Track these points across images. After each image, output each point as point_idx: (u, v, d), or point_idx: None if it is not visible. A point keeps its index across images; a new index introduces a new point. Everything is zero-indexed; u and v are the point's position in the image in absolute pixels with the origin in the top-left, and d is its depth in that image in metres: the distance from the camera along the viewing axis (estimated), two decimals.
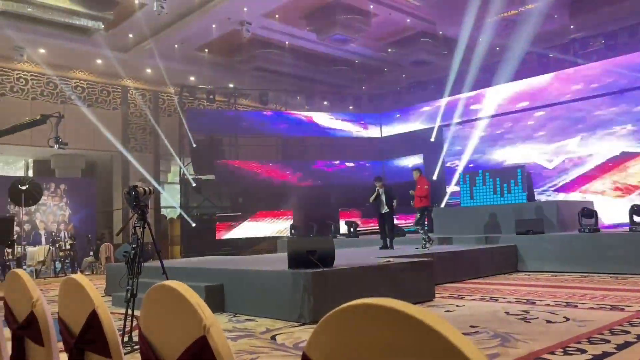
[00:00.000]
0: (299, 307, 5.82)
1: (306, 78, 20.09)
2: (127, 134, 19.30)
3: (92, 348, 1.60)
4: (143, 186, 5.56)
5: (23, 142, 15.27)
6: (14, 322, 2.16)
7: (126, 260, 5.44)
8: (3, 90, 16.67)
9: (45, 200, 16.49)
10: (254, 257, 11.26)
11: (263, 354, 4.43)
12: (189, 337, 1.16)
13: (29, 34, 14.93)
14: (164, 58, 17.19)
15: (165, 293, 1.24)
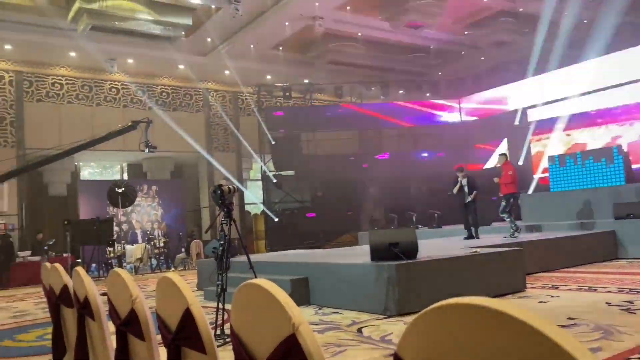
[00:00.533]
0: (384, 300, 5.78)
1: (381, 68, 19.88)
2: (210, 135, 20.08)
3: (188, 344, 1.66)
4: (228, 185, 5.75)
5: (117, 147, 16.34)
6: (117, 318, 2.30)
7: (215, 256, 5.66)
8: (98, 100, 17.91)
9: (139, 201, 17.60)
10: (336, 250, 11.34)
11: (350, 346, 4.44)
12: (278, 335, 1.17)
13: (118, 46, 15.93)
14: (240, 59, 17.70)
15: (255, 291, 1.25)
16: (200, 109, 19.99)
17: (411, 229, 7.07)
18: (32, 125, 16.47)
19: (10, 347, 5.92)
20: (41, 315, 8.11)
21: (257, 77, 19.42)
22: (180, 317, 1.68)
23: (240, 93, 20.60)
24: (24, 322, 7.60)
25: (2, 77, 16.31)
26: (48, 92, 17.06)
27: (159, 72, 18.83)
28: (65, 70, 17.31)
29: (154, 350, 2.04)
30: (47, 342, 5.86)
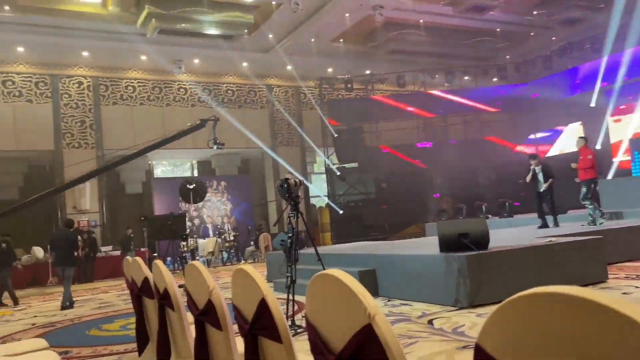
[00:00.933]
0: (455, 292, 5.67)
1: (444, 55, 19.39)
2: (274, 130, 20.42)
3: (264, 333, 1.71)
4: (294, 178, 5.83)
5: (187, 145, 16.96)
6: (195, 308, 2.40)
7: (284, 248, 5.77)
8: (168, 101, 18.66)
9: (209, 197, 18.21)
10: (403, 241, 11.23)
11: (421, 338, 4.39)
12: (353, 325, 1.18)
13: (184, 48, 16.50)
14: (301, 53, 17.84)
15: (329, 282, 1.27)
16: (264, 105, 20.36)
17: (481, 219, 6.88)
18: (109, 127, 17.42)
19: (98, 336, 6.32)
20: (123, 306, 8.60)
21: (319, 71, 19.51)
22: (256, 308, 1.73)
23: (302, 87, 20.78)
24: (109, 313, 8.09)
25: (81, 82, 17.35)
26: (122, 95, 17.97)
27: (224, 71, 19.33)
28: (137, 74, 18.16)
29: (230, 339, 2.12)
30: (130, 332, 6.21)
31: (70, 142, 16.98)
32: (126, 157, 11.88)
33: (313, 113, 20.30)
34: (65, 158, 16.36)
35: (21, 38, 14.87)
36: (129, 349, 5.20)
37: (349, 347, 1.21)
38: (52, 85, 16.85)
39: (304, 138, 20.42)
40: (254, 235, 17.28)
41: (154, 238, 12.86)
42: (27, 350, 3.46)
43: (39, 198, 10.96)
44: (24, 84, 16.50)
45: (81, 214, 16.61)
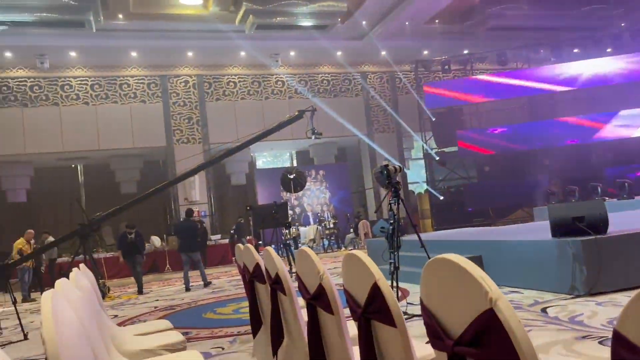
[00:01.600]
0: (570, 279, 5.34)
1: (549, 28, 18.11)
2: (370, 117, 20.36)
3: (378, 317, 1.73)
4: (393, 164, 5.80)
5: (286, 137, 17.43)
6: (307, 292, 2.48)
7: (386, 235, 5.76)
8: (266, 94, 19.29)
9: (309, 186, 18.62)
10: (509, 227, 10.76)
11: (535, 327, 4.21)
12: (473, 309, 1.16)
13: (280, 41, 16.93)
14: (395, 38, 17.56)
15: (446, 266, 1.26)
16: (359, 93, 20.36)
17: (599, 201, 6.40)
18: (214, 122, 18.38)
19: (213, 319, 6.75)
20: (234, 291, 9.10)
21: (414, 54, 19.11)
22: (368, 292, 1.76)
23: (397, 72, 20.48)
24: (221, 297, 8.60)
25: (187, 81, 18.44)
26: (224, 91, 18.86)
27: (319, 61, 19.57)
28: (237, 69, 18.95)
29: (342, 323, 2.17)
30: (241, 315, 6.57)
31: (180, 138, 18.15)
32: (230, 150, 12.45)
33: (409, 98, 19.96)
34: (176, 153, 17.52)
35: (134, 43, 16.09)
36: (242, 331, 5.50)
37: (469, 332, 1.20)
38: (162, 86, 18.09)
39: (400, 124, 20.16)
40: (353, 222, 17.43)
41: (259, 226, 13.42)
42: (155, 330, 3.79)
43: (155, 191, 11.83)
44: (137, 85, 17.88)
45: (192, 205, 17.70)
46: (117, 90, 17.64)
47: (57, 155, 17.47)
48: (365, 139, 19.63)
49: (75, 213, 17.92)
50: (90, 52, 16.28)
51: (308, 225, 18.49)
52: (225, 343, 5.09)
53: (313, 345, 2.39)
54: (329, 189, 19.83)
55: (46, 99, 16.96)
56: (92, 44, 15.56)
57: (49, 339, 1.37)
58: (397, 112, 20.34)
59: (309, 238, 17.34)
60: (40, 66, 15.87)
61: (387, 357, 1.79)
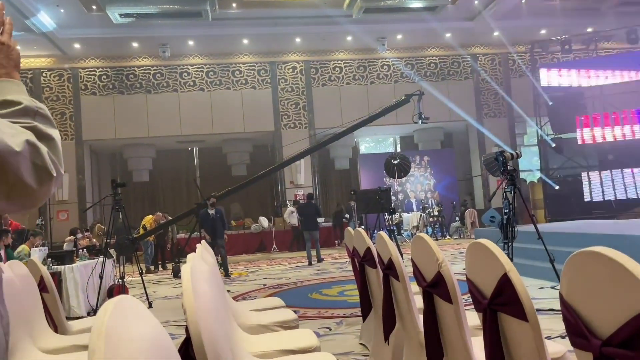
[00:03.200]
0: None
1: None
2: (480, 101, 19.51)
3: (506, 310, 1.66)
4: (510, 151, 5.51)
5: (390, 122, 17.23)
6: (423, 280, 2.44)
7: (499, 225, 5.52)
8: (372, 79, 19.18)
9: (412, 172, 18.31)
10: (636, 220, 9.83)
11: None
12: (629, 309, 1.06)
13: (388, 25, 16.69)
14: (510, 17, 16.58)
15: (597, 260, 1.16)
16: (468, 76, 19.56)
17: None
18: (319, 107, 18.65)
19: (319, 299, 6.91)
20: (338, 274, 9.24)
21: (530, 34, 17.92)
22: (496, 283, 1.68)
23: (511, 54, 19.36)
24: (326, 279, 8.78)
25: (295, 67, 18.85)
26: (330, 77, 19.03)
27: (426, 44, 19.05)
28: (343, 55, 19.01)
29: (461, 312, 2.11)
30: (347, 297, 6.66)
31: (287, 123, 18.66)
32: (335, 136, 12.56)
33: (523, 81, 18.82)
34: (284, 138, 18.05)
35: (246, 31, 16.72)
36: (348, 313, 5.57)
37: (622, 333, 1.10)
38: (271, 72, 18.66)
39: (512, 108, 19.11)
40: (459, 210, 16.90)
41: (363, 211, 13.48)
42: (269, 307, 3.96)
43: (264, 174, 12.28)
44: (248, 72, 18.60)
45: (297, 188, 18.22)
46: (230, 77, 18.49)
47: (175, 139, 18.75)
48: (474, 123, 18.86)
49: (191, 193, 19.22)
50: (206, 41, 17.19)
51: (411, 212, 18.24)
52: (332, 324, 5.19)
53: (429, 333, 2.36)
54: (434, 175, 19.38)
55: (167, 85, 18.22)
56: (208, 33, 16.42)
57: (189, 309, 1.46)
58: (509, 96, 19.28)
59: (412, 225, 17.12)
60: (162, 55, 17.06)
61: (515, 350, 1.71)
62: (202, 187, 15.01)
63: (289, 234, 16.15)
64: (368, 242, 3.52)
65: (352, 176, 20.48)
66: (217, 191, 11.38)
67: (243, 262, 13.19)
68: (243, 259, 14.14)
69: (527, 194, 19.20)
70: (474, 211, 16.01)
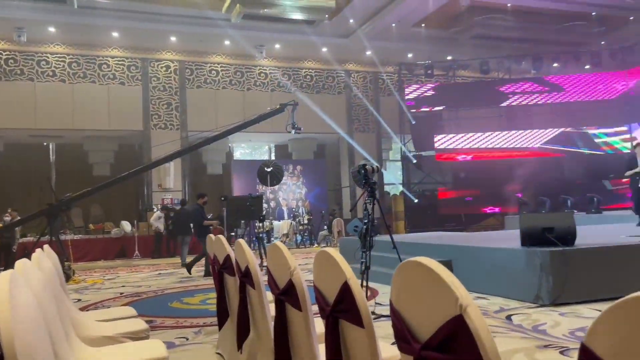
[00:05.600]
0: (536, 288, 5.44)
1: (531, 40, 18.41)
2: (351, 116, 20.39)
3: (346, 317, 1.72)
4: (371, 164, 5.80)
5: (265, 129, 17.30)
6: (276, 287, 2.46)
7: (359, 234, 5.77)
8: (249, 85, 19.13)
9: (285, 180, 18.55)
10: (481, 233, 10.91)
11: (499, 334, 4.26)
12: (443, 314, 1.15)
13: (266, 33, 16.80)
14: (381, 38, 17.61)
15: (417, 269, 1.25)
16: (341, 91, 20.36)
17: (568, 213, 6.52)
18: (193, 109, 18.15)
19: (179, 308, 6.67)
20: (203, 281, 9.01)
21: (398, 56, 19.19)
22: (338, 290, 1.74)
23: (381, 73, 20.55)
24: (189, 287, 8.50)
25: (169, 66, 18.16)
26: (206, 79, 18.63)
27: (304, 56, 19.50)
28: (220, 58, 18.73)
29: (309, 320, 2.15)
30: (209, 306, 6.50)
31: (157, 123, 17.88)
32: (208, 139, 12.30)
33: (391, 99, 20.06)
34: (153, 138, 17.25)
35: (116, 23, 15.75)
36: (207, 322, 5.44)
37: (437, 337, 1.19)
38: (143, 69, 17.78)
39: (380, 124, 20.24)
40: (327, 219, 17.44)
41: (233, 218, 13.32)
42: (118, 317, 3.72)
43: (129, 175, 11.63)
44: (117, 67, 17.52)
45: (165, 192, 17.50)
46: (96, 70, 17.26)
47: (28, 132, 17.02)
48: (345, 137, 19.64)
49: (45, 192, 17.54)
50: (70, 29, 15.89)
51: (282, 220, 18.44)
52: (190, 333, 5.04)
53: (279, 340, 2.37)
54: (306, 184, 19.81)
55: (21, 73, 16.50)
56: (72, 21, 15.19)
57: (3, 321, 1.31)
58: (378, 113, 20.41)
59: (282, 233, 17.30)
60: (17, 39, 15.42)
61: (353, 356, 1.78)
62: (58, 186, 13.77)
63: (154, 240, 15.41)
64: (228, 250, 3.47)
65: (225, 182, 20.20)
66: (74, 191, 10.52)
67: (100, 269, 12.31)
68: (100, 266, 13.19)
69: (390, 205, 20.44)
70: (341, 220, 16.61)
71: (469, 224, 17.28)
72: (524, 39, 18.21)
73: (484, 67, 18.51)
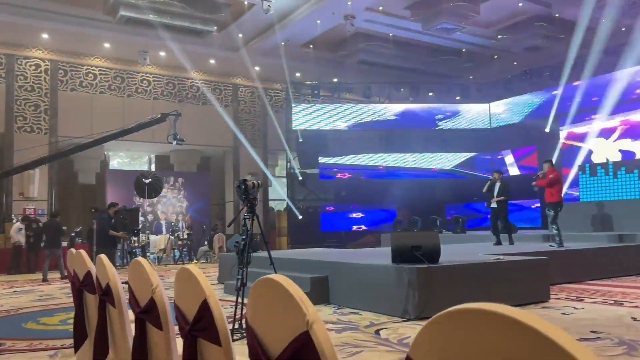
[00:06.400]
0: (404, 303, 5.74)
1: (411, 69, 19.73)
2: (238, 130, 20.24)
3: (204, 335, 1.68)
4: (252, 180, 5.78)
5: (146, 138, 16.60)
6: (137, 306, 2.33)
7: (237, 250, 5.70)
8: (129, 92, 18.23)
9: (165, 193, 17.86)
10: (357, 250, 11.31)
11: (367, 347, 4.42)
12: (292, 331, 1.17)
13: (151, 39, 16.16)
14: (270, 56, 17.80)
15: (271, 286, 1.26)
16: (228, 104, 20.17)
17: (434, 233, 7.00)
18: (65, 113, 16.86)
19: (35, 329, 6.07)
20: (65, 300, 8.30)
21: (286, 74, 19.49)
22: (197, 309, 1.69)
23: (269, 89, 20.71)
24: (49, 306, 7.79)
25: (38, 65, 16.74)
26: (82, 82, 17.44)
27: (190, 66, 19.04)
28: (99, 61, 17.67)
29: (171, 340, 2.07)
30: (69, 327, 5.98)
31: (23, 126, 16.35)
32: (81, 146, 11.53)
33: (278, 116, 20.26)
34: (17, 141, 15.74)
35: None
36: (66, 344, 5.01)
37: (285, 354, 1.20)
38: (7, 65, 16.21)
39: (267, 140, 20.34)
40: (209, 235, 17.04)
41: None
42: None
43: None
44: None
45: (28, 201, 15.99)
46: None
47: None
48: (230, 151, 19.43)
49: None
50: None
51: (160, 235, 17.65)
52: (45, 357, 4.60)
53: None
54: (187, 198, 19.21)
55: None
56: None
57: None
58: (265, 129, 20.50)
59: (159, 248, 16.54)
60: None
61: None
62: None
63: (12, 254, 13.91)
64: (89, 265, 3.23)
65: (99, 192, 18.92)
66: None
67: None
68: None
69: (274, 221, 20.52)
70: (223, 236, 16.32)
71: (349, 241, 17.88)
72: (404, 68, 19.45)
73: (366, 92, 19.44)
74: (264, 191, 20.17)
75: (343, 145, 19.84)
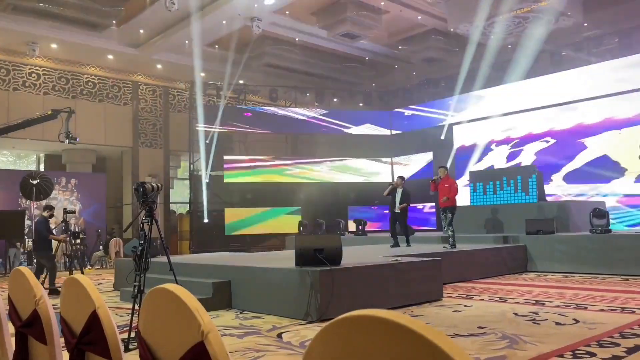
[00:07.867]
0: (306, 305, 5.81)
1: (316, 75, 20.04)
2: (138, 129, 19.37)
3: (93, 349, 1.59)
4: (151, 182, 5.57)
5: (35, 136, 15.39)
6: (18, 319, 2.16)
7: (134, 256, 5.45)
8: (15, 85, 16.79)
9: (55, 195, 16.63)
10: (262, 254, 11.28)
11: (269, 352, 4.42)
12: (187, 342, 1.14)
13: (41, 29, 15.02)
14: (174, 54, 17.25)
15: (165, 296, 1.22)
16: (128, 102, 19.23)
17: (336, 235, 7.16)
18: None
19: None
20: None
21: (190, 74, 18.93)
22: (86, 321, 1.60)
23: (172, 88, 20.05)
24: None
25: None
26: None
27: (86, 61, 17.93)
28: None
29: (56, 355, 1.93)
30: None
31: None
32: None
33: (181, 116, 19.67)
34: None
35: None
36: None
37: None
38: None
39: (169, 141, 19.66)
40: (104, 239, 16.13)
41: None
42: None
43: None
44: None
45: None
46: None
47: None
48: (129, 151, 18.53)
49: None
50: None
51: None
52: None
53: None
54: (81, 200, 18.03)
55: None
56: None
57: None
58: (167, 129, 19.80)
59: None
60: None
61: None
62: None
63: None
64: None
65: None
66: None
67: None
68: None
69: (176, 225, 19.87)
70: (120, 240, 15.52)
71: (253, 245, 17.76)
72: (309, 73, 19.71)
73: (272, 95, 19.45)
74: (165, 194, 19.46)
75: (249, 148, 19.70)
